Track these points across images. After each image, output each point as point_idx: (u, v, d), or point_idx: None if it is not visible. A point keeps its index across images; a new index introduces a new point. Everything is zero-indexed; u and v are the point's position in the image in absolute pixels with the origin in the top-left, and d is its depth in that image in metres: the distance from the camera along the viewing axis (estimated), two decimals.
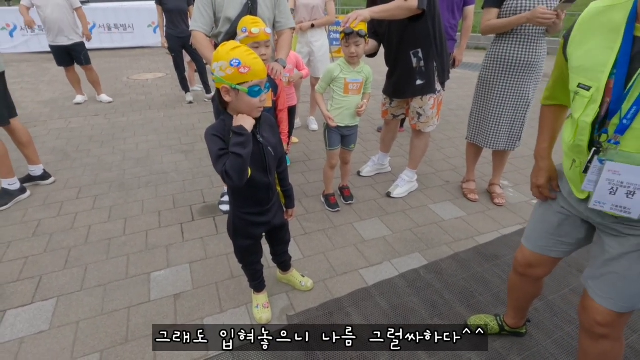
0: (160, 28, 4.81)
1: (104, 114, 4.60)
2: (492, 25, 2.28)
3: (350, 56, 2.11)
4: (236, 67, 1.12)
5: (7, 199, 2.58)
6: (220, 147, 1.21)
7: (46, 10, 4.31)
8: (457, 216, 2.55)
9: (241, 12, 2.01)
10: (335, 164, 2.52)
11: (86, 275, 1.97)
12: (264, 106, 1.24)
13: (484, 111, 2.52)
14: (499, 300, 1.82)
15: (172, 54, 4.78)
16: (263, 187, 1.39)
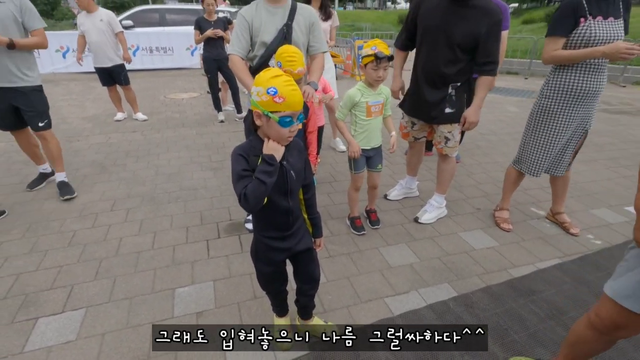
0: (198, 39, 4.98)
1: (141, 130, 4.83)
2: (559, 56, 2.13)
3: (377, 80, 2.12)
4: (271, 96, 1.12)
5: (71, 189, 3.02)
6: (243, 167, 1.20)
7: (91, 35, 4.67)
8: (489, 246, 2.43)
9: (276, 37, 2.08)
10: (360, 187, 2.49)
11: (114, 287, 2.01)
12: (293, 136, 1.23)
13: (544, 140, 2.36)
14: (537, 341, 1.69)
15: (208, 75, 5.00)
16: (282, 211, 1.35)
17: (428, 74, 2.36)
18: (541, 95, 2.35)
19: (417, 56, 2.45)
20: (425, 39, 2.31)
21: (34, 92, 2.81)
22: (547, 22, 19.54)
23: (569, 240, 2.51)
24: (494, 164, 3.81)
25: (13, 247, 2.35)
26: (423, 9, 2.28)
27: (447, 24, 2.18)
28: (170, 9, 10.43)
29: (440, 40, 2.23)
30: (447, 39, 2.20)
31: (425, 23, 2.28)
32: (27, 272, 2.12)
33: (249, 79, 2.10)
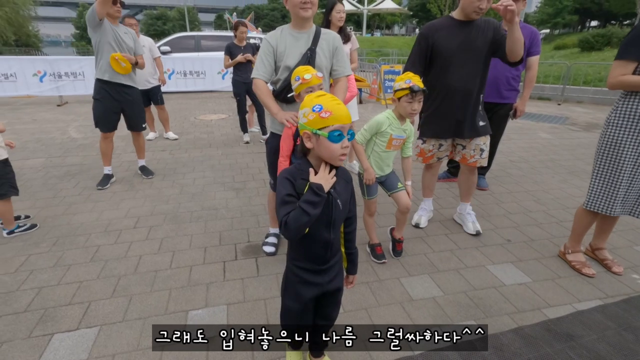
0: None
1: (169, 149, 5.00)
2: (627, 81, 2.00)
3: (412, 113, 2.08)
4: (317, 112, 1.12)
5: (107, 181, 3.66)
6: (288, 192, 1.16)
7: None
8: (521, 282, 2.25)
9: (300, 61, 2.10)
10: (374, 212, 2.42)
11: (129, 307, 2.00)
12: (346, 154, 1.16)
13: (612, 174, 2.15)
14: None
15: (237, 98, 5.16)
16: (322, 243, 1.26)
17: (458, 92, 2.49)
18: (609, 124, 2.16)
19: (437, 80, 2.53)
20: (452, 62, 2.45)
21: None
22: (580, 48, 19.07)
23: (611, 279, 2.29)
24: (525, 193, 3.61)
25: (40, 260, 2.42)
26: (438, 38, 2.45)
27: (470, 42, 2.40)
28: (205, 36, 11.03)
29: (467, 57, 2.42)
30: (473, 54, 2.42)
31: (448, 48, 2.43)
32: (49, 286, 2.17)
33: (272, 102, 2.12)
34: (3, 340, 1.77)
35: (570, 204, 3.37)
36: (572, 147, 5.27)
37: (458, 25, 2.43)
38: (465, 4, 2.34)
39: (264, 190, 3.59)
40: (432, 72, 2.56)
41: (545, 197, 3.51)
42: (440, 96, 2.56)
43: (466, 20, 2.41)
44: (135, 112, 3.72)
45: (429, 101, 2.59)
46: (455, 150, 2.80)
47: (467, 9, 2.34)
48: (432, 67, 2.55)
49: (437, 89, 2.55)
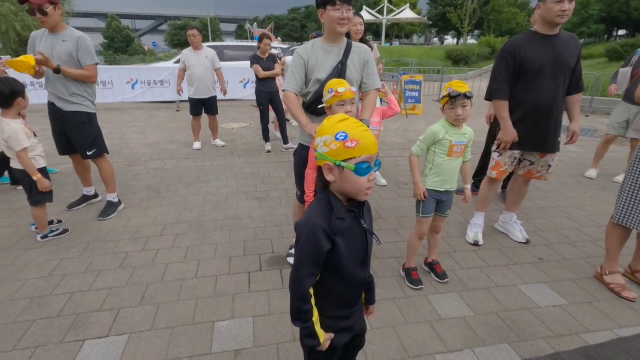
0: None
1: (193, 157, 5.09)
2: None
3: (457, 119, 2.02)
4: (342, 141, 0.96)
5: (114, 209, 3.26)
6: (322, 250, 1.00)
7: (196, 70, 5.13)
8: (556, 304, 2.16)
9: (331, 74, 2.10)
10: (425, 234, 2.29)
11: (157, 315, 2.02)
12: (372, 187, 1.05)
13: None
14: None
15: (260, 107, 5.23)
16: (358, 285, 1.15)
17: (546, 106, 2.50)
18: None
19: (523, 94, 2.53)
20: (542, 75, 2.45)
21: (81, 124, 3.03)
22: (608, 58, 18.50)
23: None
24: (555, 208, 3.49)
25: (71, 265, 2.48)
26: (525, 53, 2.44)
27: (559, 56, 2.42)
28: (229, 46, 11.31)
29: (557, 71, 2.44)
30: (563, 68, 2.44)
31: (538, 62, 2.43)
32: (81, 291, 2.21)
33: (301, 114, 2.13)
34: (38, 344, 1.81)
35: (605, 221, 3.19)
36: (604, 161, 5.05)
37: (544, 38, 2.44)
38: (546, 13, 2.34)
39: (287, 201, 3.60)
40: (517, 86, 2.54)
41: (577, 214, 3.37)
42: (526, 110, 2.54)
43: (550, 33, 2.42)
44: (71, 133, 3.07)
45: (512, 115, 2.58)
46: (520, 165, 2.78)
47: (549, 16, 2.33)
48: (517, 82, 2.53)
49: (522, 104, 2.55)
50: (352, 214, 1.06)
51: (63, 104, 2.98)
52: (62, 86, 2.92)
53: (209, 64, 5.21)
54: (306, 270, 1.02)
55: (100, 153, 3.20)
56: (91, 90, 3.09)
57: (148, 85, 9.30)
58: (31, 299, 2.14)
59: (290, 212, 3.32)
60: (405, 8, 30.91)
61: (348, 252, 1.05)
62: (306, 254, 1.02)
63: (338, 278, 1.08)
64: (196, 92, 5.25)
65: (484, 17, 38.87)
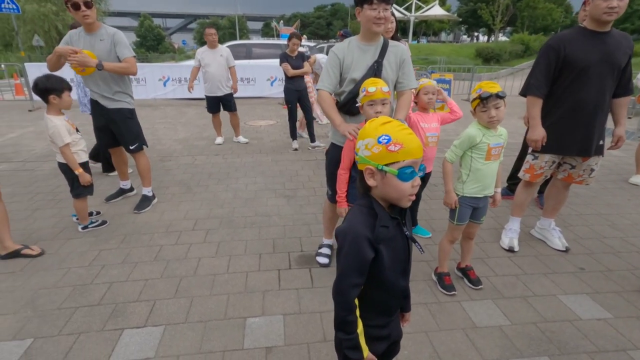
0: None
1: (222, 154, 5.19)
2: None
3: (490, 121, 1.93)
4: (385, 145, 0.93)
5: (148, 203, 3.38)
6: (360, 259, 0.97)
7: (211, 67, 5.24)
8: (600, 317, 2.04)
9: (366, 73, 2.08)
10: (458, 239, 2.24)
11: (191, 308, 2.07)
12: (416, 192, 0.99)
13: None
14: None
15: (289, 105, 5.26)
16: (399, 294, 1.12)
17: (590, 106, 2.39)
18: None
19: (566, 93, 2.43)
20: (588, 74, 2.33)
21: (124, 119, 3.18)
22: None
23: None
24: (597, 216, 3.31)
25: (110, 256, 2.58)
26: (571, 50, 2.32)
27: (609, 54, 2.30)
28: (256, 44, 11.43)
29: (606, 71, 2.33)
30: (611, 67, 2.32)
31: (586, 59, 2.31)
32: (119, 281, 2.30)
33: (335, 114, 2.11)
34: (81, 330, 1.90)
35: None
36: None
37: (592, 35, 2.31)
38: (593, 10, 2.24)
39: (315, 199, 3.60)
40: (560, 84, 2.44)
41: (621, 222, 3.19)
42: (567, 110, 2.44)
43: (600, 30, 2.30)
44: (119, 131, 3.23)
45: (551, 114, 2.49)
46: (559, 168, 2.67)
47: (596, 13, 2.23)
48: (560, 79, 2.43)
49: (563, 102, 2.45)
50: (395, 221, 1.02)
51: (107, 102, 3.11)
52: (105, 84, 3.05)
53: (223, 62, 5.26)
54: (350, 280, 0.99)
55: (142, 147, 3.33)
56: (130, 87, 3.22)
57: (179, 82, 9.56)
58: (74, 286, 2.25)
59: (318, 211, 3.33)
60: (434, 4, 30.13)
61: (390, 261, 1.01)
62: (350, 263, 0.98)
63: (379, 287, 1.05)
64: (211, 90, 5.34)
65: (517, 13, 37.44)
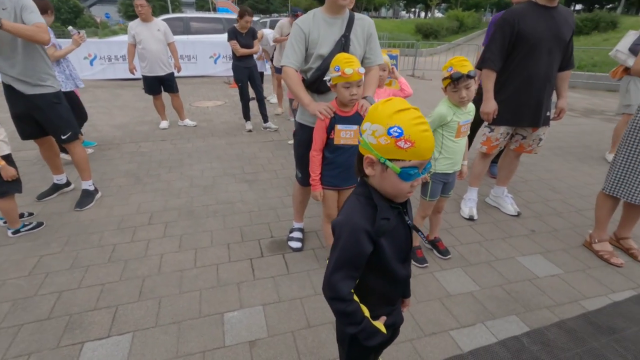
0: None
1: (170, 139, 4.80)
2: None
3: (461, 101, 1.95)
4: (394, 139, 0.82)
5: (91, 198, 3.00)
6: (357, 253, 0.91)
7: (149, 44, 4.70)
8: (553, 273, 2.25)
9: (334, 49, 1.97)
10: (429, 214, 2.29)
11: (160, 310, 1.91)
12: (413, 190, 0.93)
13: (637, 161, 2.16)
14: None
15: (239, 84, 4.96)
16: (401, 282, 1.09)
17: (541, 80, 2.50)
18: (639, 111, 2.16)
19: (518, 67, 2.52)
20: (538, 48, 2.43)
21: (50, 105, 2.69)
22: None
23: (639, 268, 2.31)
24: (539, 181, 3.62)
25: (54, 261, 2.28)
26: (524, 24, 2.41)
27: (557, 29, 2.41)
28: (194, 18, 10.57)
29: (554, 46, 2.44)
30: (559, 42, 2.45)
31: (536, 34, 2.40)
32: (69, 289, 2.04)
33: (303, 92, 2.00)
34: (31, 350, 1.66)
35: (585, 192, 3.40)
36: (577, 134, 5.31)
37: (543, 10, 2.41)
38: None
39: (278, 182, 3.48)
40: (513, 58, 2.51)
41: (560, 186, 3.52)
42: (520, 83, 2.53)
43: (549, 5, 2.40)
44: (46, 119, 2.74)
45: (505, 88, 2.57)
46: (512, 139, 2.81)
47: None
48: (513, 53, 2.50)
49: (516, 76, 2.53)
50: (396, 211, 0.96)
51: (24, 87, 2.60)
52: (21, 65, 2.53)
53: (161, 38, 4.78)
54: (344, 273, 0.93)
55: (76, 136, 2.90)
56: (51, 66, 2.71)
57: (108, 60, 8.61)
58: (14, 301, 1.95)
59: (283, 194, 3.23)
60: None
61: (392, 252, 0.96)
62: (345, 257, 0.92)
63: (380, 277, 1.01)
64: (150, 69, 4.84)
65: None
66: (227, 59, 9.38)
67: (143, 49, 4.72)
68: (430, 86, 9.05)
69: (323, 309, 1.92)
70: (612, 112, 6.70)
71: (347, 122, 1.84)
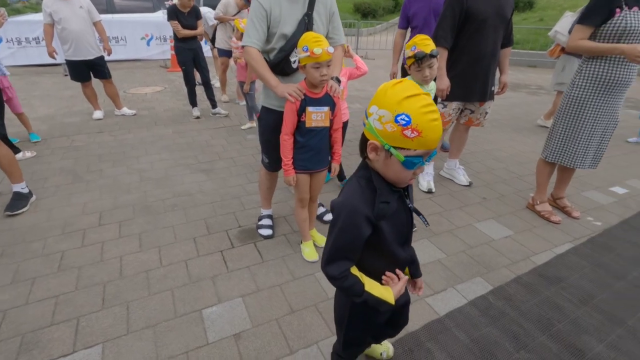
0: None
1: (108, 130, 4.36)
2: (582, 46, 2.21)
3: (424, 80, 2.00)
4: (401, 127, 0.80)
5: (25, 202, 2.65)
6: (355, 236, 0.91)
7: (71, 24, 4.12)
8: (506, 235, 2.48)
9: (297, 29, 1.90)
10: None
11: (130, 315, 1.77)
12: (415, 177, 0.93)
13: (575, 130, 2.40)
14: (580, 328, 1.74)
15: (183, 67, 4.61)
16: (401, 263, 1.09)
17: (487, 56, 2.66)
18: (573, 85, 2.38)
19: (467, 44, 2.64)
20: (486, 25, 2.57)
21: None
22: None
23: (574, 224, 2.64)
24: (484, 152, 3.92)
25: None
26: (472, 2, 2.52)
27: (501, 7, 2.56)
28: None
29: (499, 23, 2.59)
30: (503, 19, 2.60)
31: (484, 12, 2.53)
32: (15, 307, 1.80)
33: (269, 74, 1.91)
34: None
35: (523, 159, 3.75)
36: (508, 106, 5.80)
37: None
38: None
39: (237, 170, 3.36)
40: (463, 35, 2.62)
41: (501, 155, 3.85)
42: (469, 60, 2.66)
43: None
44: None
45: (455, 65, 2.66)
46: (461, 114, 2.97)
47: None
48: (463, 31, 2.61)
49: (466, 53, 2.66)
50: (397, 194, 0.97)
51: None
52: None
53: (85, 16, 4.24)
54: (341, 254, 0.94)
55: None
56: None
57: (18, 44, 7.46)
58: None
59: (245, 182, 3.13)
60: None
61: (391, 235, 0.97)
62: (343, 239, 0.93)
63: (381, 258, 1.02)
64: (75, 53, 4.29)
65: None
66: (162, 41, 8.64)
67: (64, 29, 4.15)
68: (373, 65, 9.21)
69: (304, 292, 1.92)
70: (535, 86, 7.41)
71: (317, 104, 1.80)
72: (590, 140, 2.40)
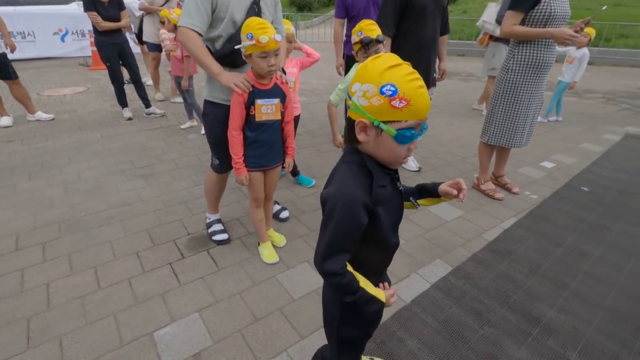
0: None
1: (19, 139, 3.78)
2: (516, 31, 2.34)
3: None
4: (388, 98, 0.76)
5: None
6: (354, 227, 0.84)
7: None
8: (457, 216, 2.57)
9: (246, 16, 1.73)
10: None
11: (64, 352, 1.51)
12: (410, 154, 0.89)
13: (513, 112, 2.54)
14: (533, 297, 1.84)
15: (108, 64, 4.13)
16: (391, 251, 1.04)
17: (429, 43, 2.72)
18: (507, 70, 2.50)
19: (409, 32, 2.67)
20: (425, 13, 2.62)
21: None
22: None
23: (514, 199, 2.82)
24: (428, 137, 4.05)
25: None
26: None
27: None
28: None
29: (436, 11, 2.67)
30: (440, 8, 2.69)
31: (423, 1, 2.59)
32: None
33: (211, 60, 1.72)
34: None
35: (464, 142, 3.95)
36: (444, 93, 6.11)
37: None
38: None
39: (179, 173, 3.09)
40: (404, 23, 2.65)
41: (444, 139, 4.02)
42: (412, 47, 2.68)
43: None
44: None
45: (398, 53, 2.57)
46: None
47: None
48: (404, 19, 2.64)
49: (407, 40, 2.69)
50: (389, 177, 0.91)
51: None
52: None
53: None
54: (339, 248, 0.86)
55: None
56: None
57: None
58: None
59: (191, 185, 2.90)
60: None
61: (386, 220, 0.92)
62: (341, 231, 0.84)
63: (373, 247, 0.95)
64: None
65: None
66: (79, 36, 7.76)
67: None
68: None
69: (266, 297, 1.80)
70: (465, 74, 7.91)
71: (267, 96, 1.68)
72: (526, 120, 2.56)
